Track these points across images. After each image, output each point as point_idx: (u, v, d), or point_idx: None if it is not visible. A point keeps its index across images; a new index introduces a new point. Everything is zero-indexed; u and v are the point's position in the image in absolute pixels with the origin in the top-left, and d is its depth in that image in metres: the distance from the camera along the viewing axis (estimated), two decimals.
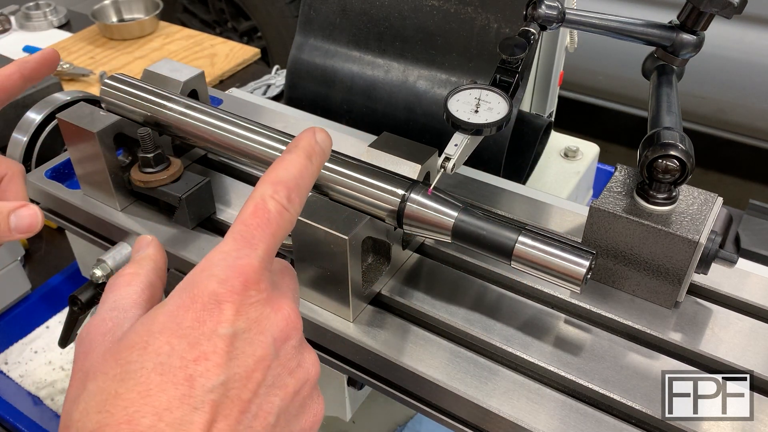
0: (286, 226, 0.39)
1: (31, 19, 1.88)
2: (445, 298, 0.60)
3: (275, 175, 0.40)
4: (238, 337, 0.35)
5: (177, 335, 0.34)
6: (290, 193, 0.40)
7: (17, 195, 0.55)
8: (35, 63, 0.59)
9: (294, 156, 0.42)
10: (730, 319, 0.58)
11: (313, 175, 0.43)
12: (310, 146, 0.44)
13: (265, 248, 0.37)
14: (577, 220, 0.68)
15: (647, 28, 0.63)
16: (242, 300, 0.36)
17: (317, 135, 0.45)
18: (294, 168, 0.41)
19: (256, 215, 0.38)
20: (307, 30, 0.95)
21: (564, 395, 0.53)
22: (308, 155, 0.43)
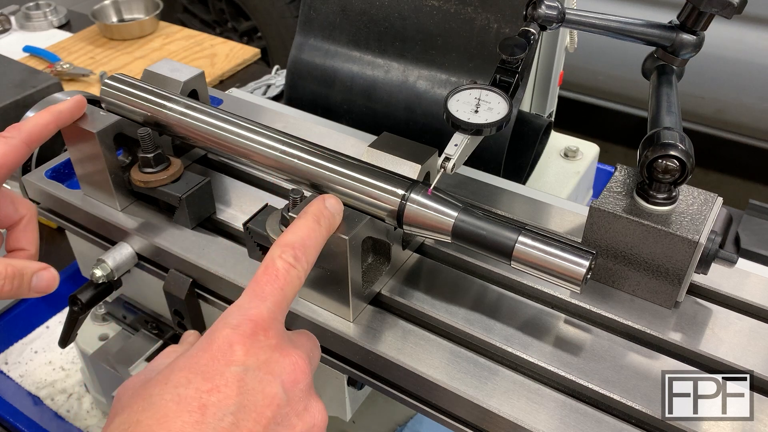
0: (294, 282, 0.44)
1: (31, 19, 1.88)
2: (445, 298, 0.60)
3: (284, 239, 0.46)
4: (248, 374, 0.39)
5: (194, 371, 0.38)
6: (297, 253, 0.45)
7: (31, 242, 0.59)
8: (69, 113, 0.63)
9: (302, 221, 0.48)
10: (730, 319, 0.58)
11: (321, 236, 0.48)
12: (318, 211, 0.49)
13: (273, 300, 0.42)
14: (577, 220, 0.68)
15: (647, 28, 0.63)
16: (252, 342, 0.40)
17: (327, 201, 0.51)
18: (301, 231, 0.47)
19: (266, 273, 0.44)
20: (307, 30, 0.95)
21: (564, 395, 0.53)
22: (316, 219, 0.49)
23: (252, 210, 0.64)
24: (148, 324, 0.80)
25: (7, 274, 0.51)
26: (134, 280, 0.76)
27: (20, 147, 0.56)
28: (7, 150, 0.55)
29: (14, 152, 0.56)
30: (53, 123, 0.60)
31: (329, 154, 0.59)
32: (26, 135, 0.57)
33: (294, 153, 0.60)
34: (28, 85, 1.30)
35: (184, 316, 0.69)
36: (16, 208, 0.59)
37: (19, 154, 0.56)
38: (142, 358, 0.77)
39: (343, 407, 0.67)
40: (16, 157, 0.56)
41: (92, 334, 0.89)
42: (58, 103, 0.62)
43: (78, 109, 0.64)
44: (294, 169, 0.60)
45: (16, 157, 0.56)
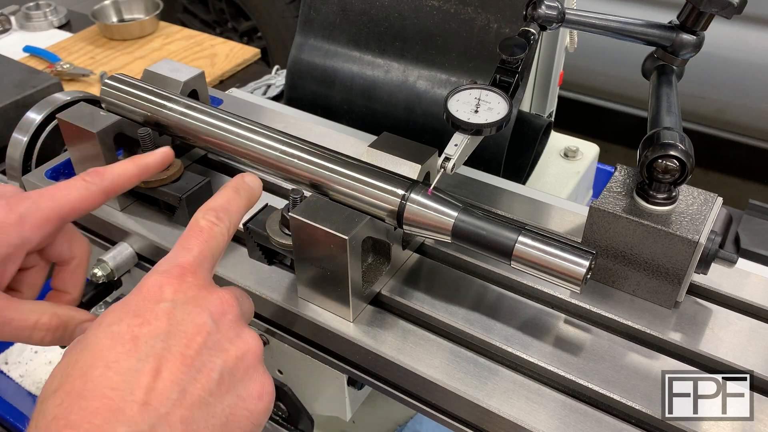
0: (218, 237, 0.47)
1: (31, 19, 1.89)
2: (445, 298, 0.60)
3: (205, 205, 0.49)
4: (177, 308, 0.42)
5: (125, 311, 0.41)
6: (219, 213, 0.49)
7: (76, 286, 0.59)
8: (155, 167, 0.62)
9: (222, 191, 0.51)
10: (730, 319, 0.58)
11: (241, 204, 0.52)
12: (237, 183, 0.53)
13: (199, 250, 0.46)
14: (577, 220, 0.68)
15: (647, 28, 0.63)
16: (180, 282, 0.43)
17: (246, 176, 0.54)
18: (221, 198, 0.50)
19: (190, 231, 0.47)
20: (307, 30, 0.95)
21: (564, 395, 0.53)
22: (235, 189, 0.52)
23: (252, 210, 0.64)
24: None
25: (50, 326, 0.52)
26: (134, 280, 0.76)
27: (98, 195, 0.55)
28: (85, 195, 0.54)
29: (91, 198, 0.55)
30: (137, 176, 0.59)
31: (329, 154, 0.59)
32: (108, 184, 0.56)
33: (294, 153, 0.60)
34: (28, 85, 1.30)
35: None
36: (71, 247, 0.58)
37: (95, 202, 0.55)
38: None
39: (343, 407, 0.67)
40: (91, 205, 0.55)
41: None
42: (145, 155, 0.61)
43: (164, 163, 0.63)
44: (294, 169, 0.60)
45: (91, 205, 0.55)
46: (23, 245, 0.51)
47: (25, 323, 0.51)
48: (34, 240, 0.52)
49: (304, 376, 0.68)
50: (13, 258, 0.51)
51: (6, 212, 0.50)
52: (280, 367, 0.69)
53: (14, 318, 0.50)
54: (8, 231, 0.50)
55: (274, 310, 0.61)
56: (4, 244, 0.50)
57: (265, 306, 0.62)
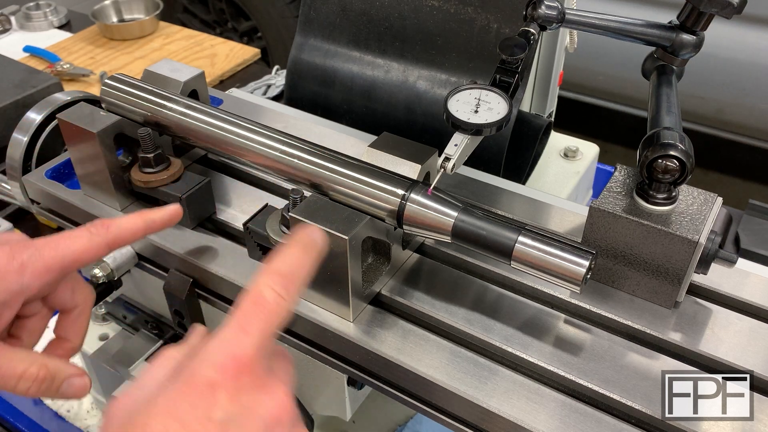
0: (282, 314, 0.42)
1: (31, 19, 1.88)
2: (445, 298, 0.60)
3: (273, 267, 0.44)
4: (230, 422, 0.37)
5: (173, 417, 0.36)
6: (287, 283, 0.43)
7: (77, 334, 0.58)
8: (162, 223, 0.60)
9: (292, 249, 0.46)
10: (730, 319, 0.58)
11: (309, 266, 0.46)
12: (305, 240, 0.47)
13: (260, 335, 0.40)
14: (577, 220, 0.68)
15: (647, 28, 0.63)
16: (236, 386, 0.38)
17: (312, 230, 0.49)
18: (290, 260, 0.45)
19: (253, 303, 0.41)
20: (307, 30, 0.95)
21: (564, 395, 0.53)
22: (304, 248, 0.46)
23: (252, 210, 0.64)
24: (148, 324, 0.80)
25: (37, 377, 0.51)
26: (134, 280, 0.76)
27: (101, 247, 0.55)
28: (88, 246, 0.54)
29: (93, 250, 0.54)
30: (142, 231, 0.58)
31: (329, 154, 0.59)
32: (112, 237, 0.56)
33: (294, 153, 0.60)
34: (28, 85, 1.30)
35: (184, 316, 0.69)
36: (74, 295, 0.57)
37: (98, 253, 0.55)
38: (142, 358, 0.77)
39: (343, 407, 0.67)
40: (94, 256, 0.54)
41: (92, 334, 0.89)
42: (154, 210, 0.60)
43: (172, 220, 0.61)
44: (294, 169, 0.60)
45: (94, 256, 0.54)
46: (22, 292, 0.51)
47: (12, 372, 0.50)
48: (33, 288, 0.51)
49: (304, 376, 0.68)
50: (11, 305, 0.51)
51: (8, 259, 0.50)
52: None
53: (2, 365, 0.49)
54: (8, 278, 0.50)
55: None
56: (2, 290, 0.50)
57: None
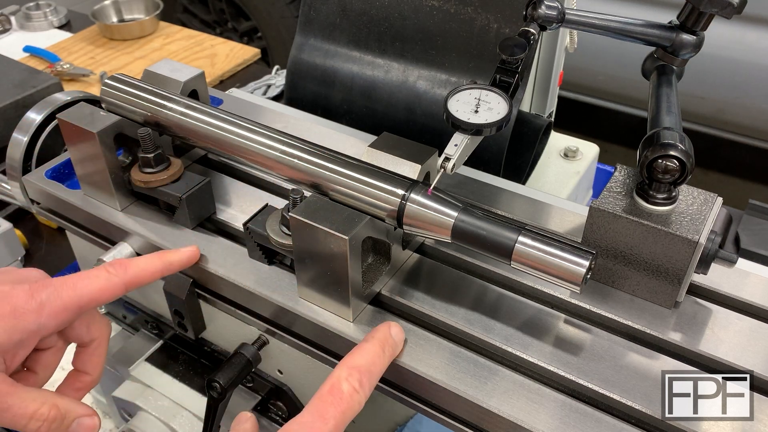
0: (355, 407, 0.47)
1: (31, 19, 1.89)
2: (445, 298, 0.60)
3: (351, 361, 0.49)
4: None
5: None
6: (362, 378, 0.48)
7: (95, 367, 0.59)
8: (179, 264, 0.61)
9: (370, 346, 0.51)
10: (730, 319, 0.58)
11: (384, 364, 0.51)
12: (384, 338, 0.52)
13: (335, 423, 0.45)
14: (577, 220, 0.68)
15: (647, 28, 0.63)
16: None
17: (392, 329, 0.53)
18: (368, 356, 0.50)
19: (331, 394, 0.46)
20: (307, 30, 0.95)
21: (564, 395, 0.53)
22: (382, 346, 0.51)
23: (252, 210, 0.64)
24: (148, 324, 0.80)
25: (48, 417, 0.51)
26: None
27: (118, 287, 0.55)
28: (105, 286, 0.54)
29: (111, 290, 0.55)
30: (160, 272, 0.59)
31: (329, 154, 0.59)
32: (130, 278, 0.56)
33: (294, 153, 0.60)
34: (28, 85, 1.30)
35: (184, 316, 0.69)
36: (89, 329, 0.58)
37: (115, 293, 0.55)
38: (142, 358, 0.77)
39: None
40: (111, 296, 0.55)
41: None
42: (171, 252, 0.61)
43: (190, 262, 0.62)
44: (294, 169, 0.60)
45: (111, 296, 0.55)
46: (39, 332, 0.51)
47: (23, 411, 0.50)
48: (50, 327, 0.52)
49: (304, 376, 0.68)
50: (27, 344, 0.52)
51: (27, 298, 0.51)
52: (280, 367, 0.69)
53: (13, 405, 0.50)
54: (26, 317, 0.50)
55: (274, 310, 0.62)
56: (20, 329, 0.50)
57: (265, 306, 0.62)
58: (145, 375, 0.76)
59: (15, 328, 0.49)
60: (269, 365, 0.69)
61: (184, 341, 0.78)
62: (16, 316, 0.50)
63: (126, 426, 0.74)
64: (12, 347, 0.50)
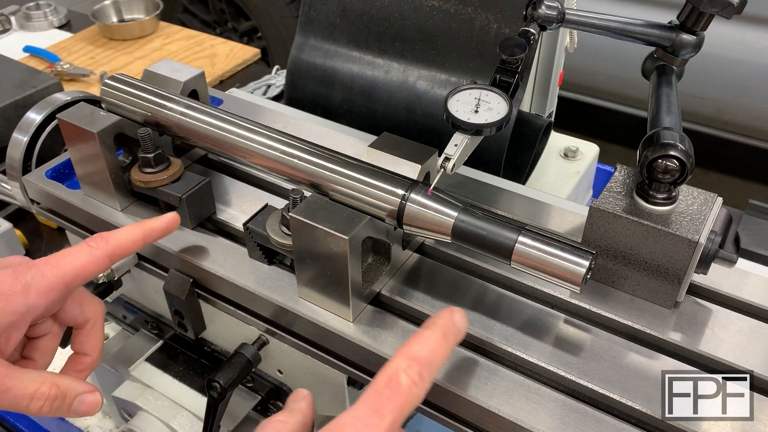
0: (414, 401, 0.42)
1: (31, 19, 1.89)
2: (445, 298, 0.60)
3: (411, 350, 0.44)
4: None
5: None
6: (422, 370, 0.43)
7: (94, 347, 0.59)
8: (160, 231, 0.61)
9: (431, 333, 0.45)
10: (730, 319, 0.58)
11: (446, 354, 0.45)
12: (446, 325, 0.46)
13: (392, 419, 0.40)
14: (577, 220, 0.68)
15: (647, 28, 0.63)
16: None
17: (455, 315, 0.48)
18: (429, 345, 0.44)
19: (388, 386, 0.41)
20: (307, 30, 0.95)
21: (564, 395, 0.53)
22: (444, 334, 0.46)
23: (252, 210, 0.64)
24: (148, 324, 0.80)
25: (49, 396, 0.51)
26: (134, 280, 0.76)
27: (102, 260, 0.55)
28: (89, 260, 0.54)
29: (95, 264, 0.55)
30: (141, 240, 0.59)
31: (329, 154, 0.60)
32: (112, 249, 0.56)
33: (294, 153, 0.60)
34: (28, 85, 1.30)
35: (184, 316, 0.69)
36: (83, 310, 0.58)
37: (99, 266, 0.55)
38: (142, 358, 0.77)
39: (343, 407, 0.67)
40: (96, 270, 0.55)
41: None
42: (151, 220, 0.61)
43: (170, 228, 0.62)
44: (294, 169, 0.60)
45: (96, 270, 0.55)
46: (29, 313, 0.51)
47: (24, 392, 0.50)
48: (39, 307, 0.52)
49: (304, 376, 0.68)
50: (18, 326, 0.51)
51: (12, 281, 0.51)
52: (280, 367, 0.69)
53: (13, 386, 0.50)
54: (13, 299, 0.50)
55: (274, 310, 0.62)
56: (9, 312, 0.50)
57: (265, 306, 0.62)
58: (145, 375, 0.76)
59: (4, 312, 0.49)
60: (269, 365, 0.69)
61: (184, 341, 0.78)
62: (3, 299, 0.50)
63: (126, 426, 0.74)
64: (3, 330, 0.50)
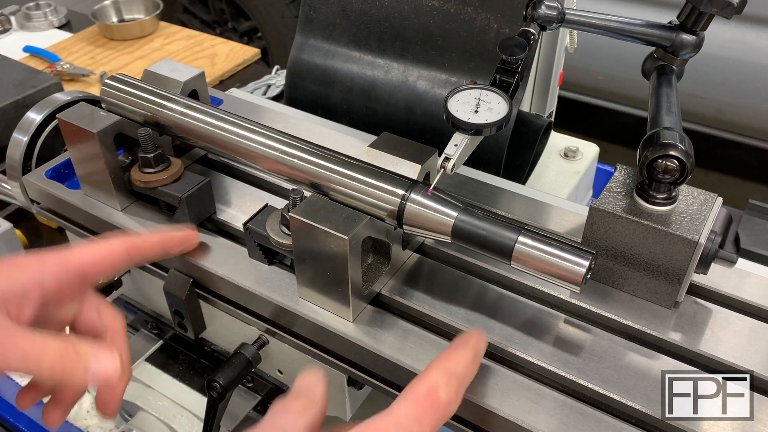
0: (448, 417, 0.43)
1: (31, 19, 1.88)
2: (445, 298, 0.60)
3: (449, 366, 0.45)
4: None
5: None
6: (459, 388, 0.44)
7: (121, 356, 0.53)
8: (179, 242, 0.61)
9: (467, 354, 0.47)
10: (730, 319, 0.58)
11: (473, 376, 0.47)
12: (477, 348, 0.48)
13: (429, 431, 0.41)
14: (577, 220, 0.68)
15: (647, 28, 0.63)
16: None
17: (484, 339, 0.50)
18: (465, 364, 0.46)
19: (428, 398, 0.42)
20: (307, 30, 0.95)
21: (564, 395, 0.53)
22: (475, 357, 0.48)
23: (252, 210, 0.64)
24: (148, 324, 0.80)
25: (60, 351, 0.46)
26: (134, 280, 0.76)
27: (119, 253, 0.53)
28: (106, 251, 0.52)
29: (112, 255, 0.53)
30: (159, 244, 0.59)
31: (329, 154, 0.60)
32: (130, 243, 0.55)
33: (294, 153, 0.60)
34: (28, 85, 1.30)
35: (184, 316, 0.69)
36: (101, 317, 0.55)
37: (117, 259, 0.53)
38: (142, 358, 0.77)
39: (343, 407, 0.67)
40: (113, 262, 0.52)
41: None
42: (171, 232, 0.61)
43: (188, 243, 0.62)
44: (294, 169, 0.60)
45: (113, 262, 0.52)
46: (41, 284, 0.50)
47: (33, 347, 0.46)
48: (51, 283, 0.50)
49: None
50: (30, 296, 0.49)
51: (27, 256, 0.51)
52: (280, 367, 0.69)
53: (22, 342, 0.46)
54: (27, 267, 0.50)
55: (274, 310, 0.62)
56: (22, 278, 0.49)
57: (265, 306, 0.62)
58: (145, 375, 0.76)
59: (16, 278, 0.49)
60: (269, 365, 0.69)
61: (184, 341, 0.78)
62: (17, 266, 0.49)
63: (126, 426, 0.74)
64: (14, 297, 0.48)
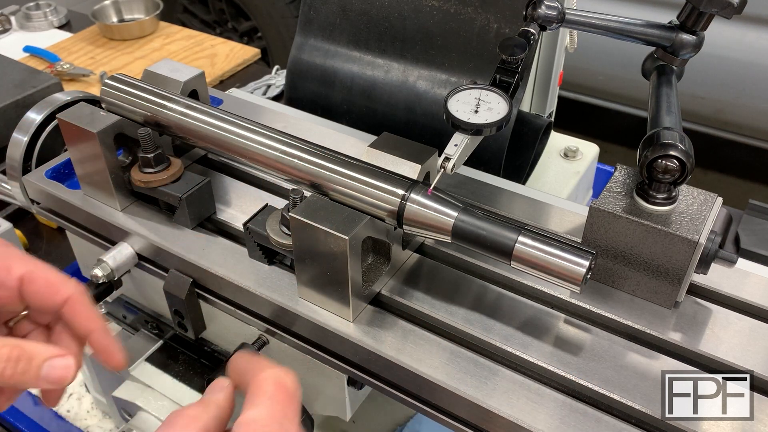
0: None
1: (31, 19, 1.88)
2: (445, 298, 0.60)
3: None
4: None
5: None
6: None
7: (90, 318, 0.52)
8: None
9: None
10: (730, 319, 0.58)
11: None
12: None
13: None
14: (577, 220, 0.68)
15: (647, 28, 0.63)
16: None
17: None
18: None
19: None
20: (307, 30, 0.95)
21: (564, 395, 0.53)
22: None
23: (252, 210, 0.64)
24: (148, 324, 0.80)
25: (10, 357, 0.45)
26: (134, 280, 0.76)
27: (63, 295, 0.50)
28: (51, 285, 0.50)
29: (51, 296, 0.50)
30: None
31: (329, 154, 0.60)
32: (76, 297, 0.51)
33: (294, 153, 0.60)
34: (28, 85, 1.30)
35: (184, 316, 0.69)
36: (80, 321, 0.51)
37: (56, 300, 0.50)
38: (142, 358, 0.77)
39: (343, 407, 0.67)
40: (52, 302, 0.50)
41: None
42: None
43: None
44: (294, 169, 0.60)
45: (52, 302, 0.50)
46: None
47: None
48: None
49: (304, 376, 0.68)
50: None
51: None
52: None
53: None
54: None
55: (274, 310, 0.62)
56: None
57: (265, 306, 0.62)
58: (145, 375, 0.76)
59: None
60: None
61: (184, 341, 0.78)
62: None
63: (126, 426, 0.74)
64: None
